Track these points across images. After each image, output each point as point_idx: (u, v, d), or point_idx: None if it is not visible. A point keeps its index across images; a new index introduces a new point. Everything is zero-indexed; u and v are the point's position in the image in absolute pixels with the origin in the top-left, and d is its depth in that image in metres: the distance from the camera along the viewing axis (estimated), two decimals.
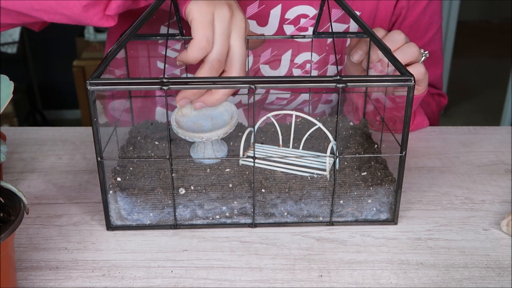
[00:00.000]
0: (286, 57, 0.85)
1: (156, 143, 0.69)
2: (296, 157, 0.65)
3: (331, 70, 0.88)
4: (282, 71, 0.86)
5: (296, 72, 0.87)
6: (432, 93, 0.97)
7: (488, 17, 4.67)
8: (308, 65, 0.86)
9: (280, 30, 0.83)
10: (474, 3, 4.49)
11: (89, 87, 0.52)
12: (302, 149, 0.67)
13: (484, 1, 4.62)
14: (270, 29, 0.82)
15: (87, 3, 0.60)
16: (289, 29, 0.83)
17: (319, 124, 0.62)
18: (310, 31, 0.83)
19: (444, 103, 1.00)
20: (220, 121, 0.65)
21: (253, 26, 0.82)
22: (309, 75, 0.86)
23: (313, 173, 0.61)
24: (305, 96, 0.88)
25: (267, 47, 0.84)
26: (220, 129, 0.62)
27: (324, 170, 0.62)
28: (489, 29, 4.51)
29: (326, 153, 0.66)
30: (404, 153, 0.57)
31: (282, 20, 0.82)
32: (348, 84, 0.53)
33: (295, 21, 0.82)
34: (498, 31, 4.39)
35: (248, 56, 0.83)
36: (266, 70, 0.86)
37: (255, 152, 0.61)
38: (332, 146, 0.60)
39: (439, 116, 1.01)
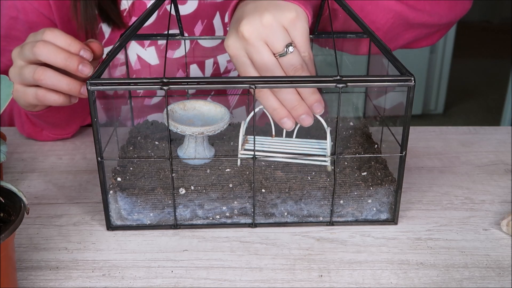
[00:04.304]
0: None
1: (156, 143, 0.69)
2: (296, 146, 0.64)
3: None
4: None
5: None
6: None
7: (488, 18, 4.67)
8: None
9: None
10: (474, 3, 4.46)
11: (89, 87, 0.52)
12: (296, 138, 0.66)
13: (484, 1, 4.62)
14: None
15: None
16: None
17: (318, 118, 0.61)
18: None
19: None
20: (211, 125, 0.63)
21: None
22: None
23: (316, 160, 0.61)
24: None
25: None
26: (199, 127, 0.61)
27: (324, 156, 0.62)
28: (489, 29, 4.50)
29: (323, 139, 0.65)
30: (404, 153, 0.57)
31: None
32: (348, 84, 0.53)
33: None
34: (498, 31, 4.38)
35: None
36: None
37: (253, 146, 0.60)
38: (331, 144, 0.60)
39: None
